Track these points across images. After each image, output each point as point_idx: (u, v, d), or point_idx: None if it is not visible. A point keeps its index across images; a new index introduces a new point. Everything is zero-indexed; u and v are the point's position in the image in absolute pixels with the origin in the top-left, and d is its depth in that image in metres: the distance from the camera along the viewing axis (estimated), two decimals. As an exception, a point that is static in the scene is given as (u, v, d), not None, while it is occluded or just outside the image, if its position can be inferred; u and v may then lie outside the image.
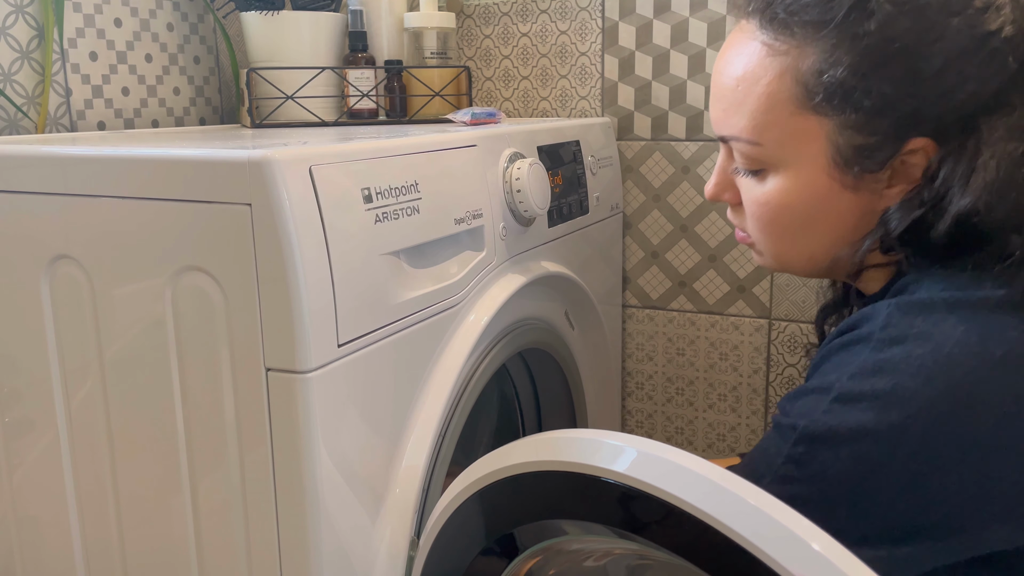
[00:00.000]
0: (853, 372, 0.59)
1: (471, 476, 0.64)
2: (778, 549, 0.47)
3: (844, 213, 0.66)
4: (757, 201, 0.68)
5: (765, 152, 0.66)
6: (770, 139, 0.65)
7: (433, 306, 0.74)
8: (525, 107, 1.31)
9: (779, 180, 0.66)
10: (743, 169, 0.69)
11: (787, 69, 0.63)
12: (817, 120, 0.63)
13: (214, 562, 0.68)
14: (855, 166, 0.63)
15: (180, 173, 0.63)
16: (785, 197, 0.66)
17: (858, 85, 0.61)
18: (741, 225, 0.73)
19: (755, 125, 0.65)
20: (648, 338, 1.30)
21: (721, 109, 0.68)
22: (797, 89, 0.63)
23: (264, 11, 1.12)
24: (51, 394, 0.73)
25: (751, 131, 0.65)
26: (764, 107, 0.64)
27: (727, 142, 0.69)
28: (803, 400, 0.62)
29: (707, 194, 0.74)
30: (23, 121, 1.06)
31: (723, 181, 0.73)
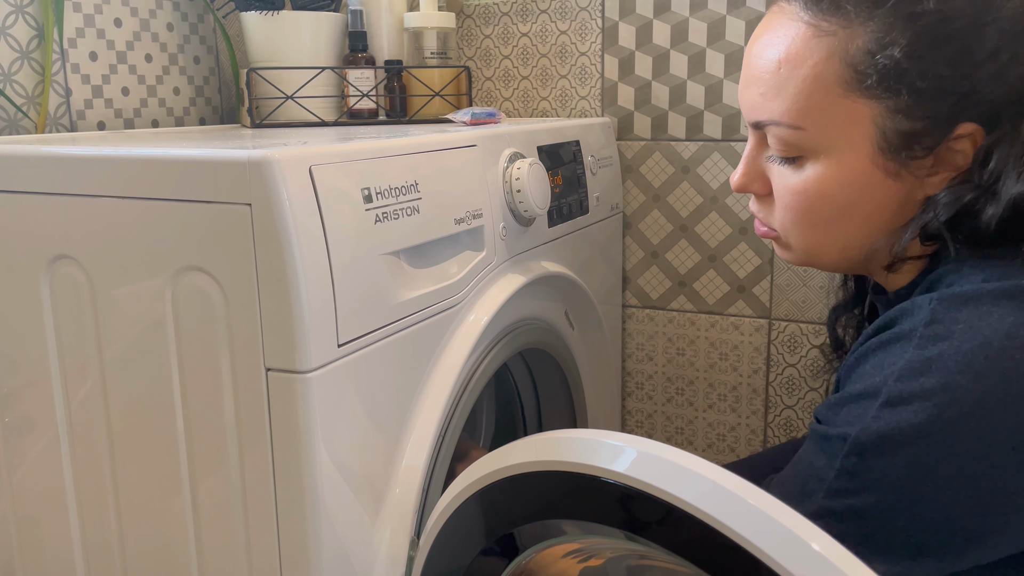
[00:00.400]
0: (900, 373, 0.57)
1: (471, 476, 0.64)
2: (778, 549, 0.47)
3: (883, 202, 0.64)
4: (793, 190, 0.65)
5: (806, 137, 0.63)
6: (813, 123, 0.63)
7: (433, 306, 0.74)
8: (525, 107, 1.31)
9: (818, 167, 0.64)
10: (778, 157, 0.66)
11: (835, 50, 0.61)
12: (865, 104, 0.61)
13: (214, 562, 0.68)
14: (902, 152, 0.61)
15: (180, 173, 0.63)
16: (824, 185, 0.64)
17: (913, 67, 0.59)
18: (766, 218, 0.70)
19: (798, 109, 0.63)
20: (648, 338, 1.30)
21: (758, 93, 0.66)
22: (846, 71, 0.61)
23: (264, 11, 1.12)
24: (51, 394, 0.73)
25: (793, 115, 0.63)
26: (809, 90, 0.62)
27: (761, 128, 0.67)
28: (848, 408, 0.60)
29: (734, 185, 0.71)
30: (23, 121, 1.06)
31: (752, 170, 0.70)
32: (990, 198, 0.59)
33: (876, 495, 0.57)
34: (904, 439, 0.56)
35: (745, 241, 1.21)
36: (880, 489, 0.57)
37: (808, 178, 0.64)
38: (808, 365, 1.20)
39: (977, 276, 0.59)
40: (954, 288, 0.59)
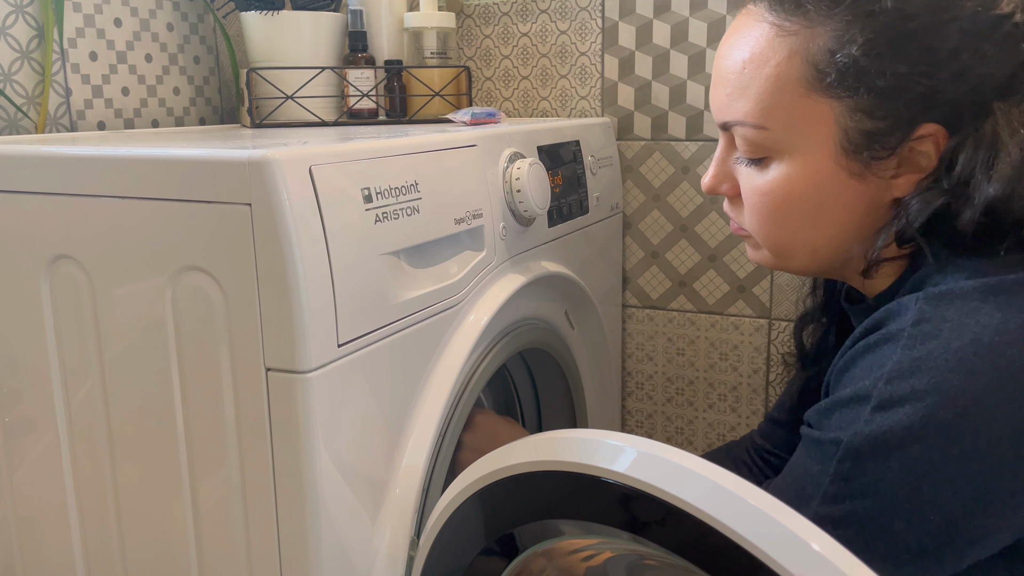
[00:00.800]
0: (889, 375, 0.57)
1: (471, 476, 0.64)
2: (778, 549, 0.47)
3: (850, 203, 0.64)
4: (759, 191, 0.66)
5: (770, 137, 0.64)
6: (776, 123, 0.63)
7: (433, 306, 0.74)
8: (525, 107, 1.31)
9: (783, 168, 0.64)
10: (744, 158, 0.67)
11: (797, 50, 0.61)
12: (827, 103, 0.61)
13: (214, 562, 0.68)
14: (864, 152, 0.62)
15: (180, 173, 0.63)
16: (789, 185, 0.64)
17: (871, 65, 0.59)
18: (738, 219, 0.71)
19: (761, 108, 0.63)
20: (648, 338, 1.30)
21: (724, 94, 0.66)
22: (807, 70, 0.61)
23: (264, 11, 1.12)
24: (51, 394, 0.73)
25: (757, 115, 0.64)
26: (771, 89, 0.63)
27: (728, 129, 0.67)
28: (840, 413, 0.59)
29: (704, 186, 0.72)
30: (23, 121, 1.06)
31: (721, 172, 0.71)
32: (964, 202, 0.59)
33: (872, 499, 0.57)
34: (897, 442, 0.55)
35: (745, 241, 1.21)
36: (876, 493, 0.57)
37: (773, 179, 0.65)
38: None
39: (961, 275, 0.59)
40: (940, 287, 0.58)
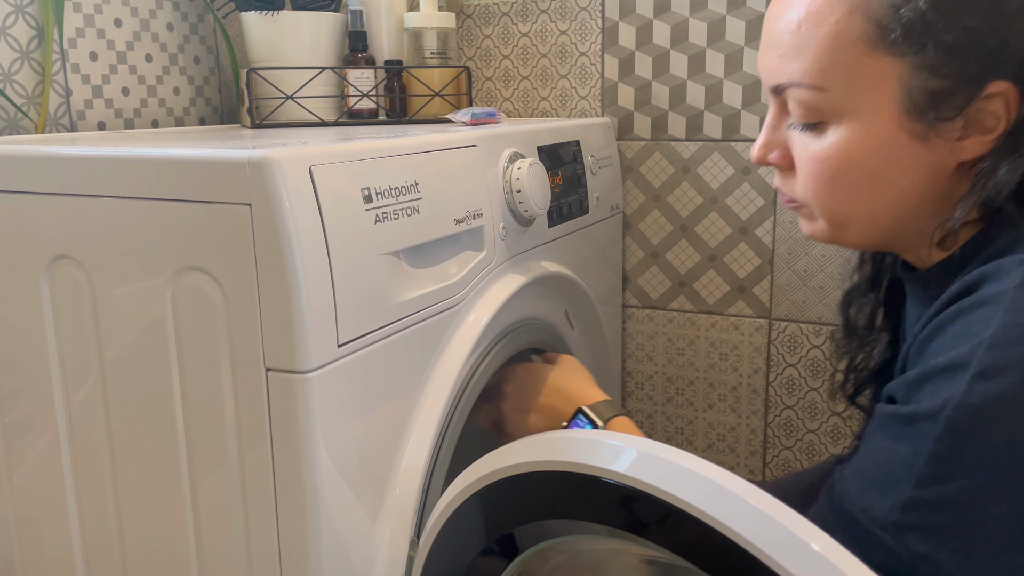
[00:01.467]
0: (992, 341, 0.52)
1: (471, 476, 0.64)
2: (778, 549, 0.47)
3: (912, 168, 0.60)
4: (815, 158, 0.62)
5: (828, 99, 0.60)
6: (835, 84, 0.60)
7: (433, 306, 0.74)
8: (525, 107, 1.31)
9: (841, 132, 0.61)
10: (799, 123, 0.63)
11: (858, 5, 0.58)
12: (890, 61, 0.58)
13: (214, 562, 0.68)
14: (929, 113, 0.58)
15: (180, 173, 0.63)
16: (847, 151, 0.61)
17: (939, 19, 0.56)
18: (791, 191, 0.67)
19: (819, 68, 0.60)
20: (648, 338, 1.30)
21: (778, 55, 0.63)
22: (868, 27, 0.58)
23: (264, 11, 1.12)
24: (51, 394, 0.73)
25: (814, 75, 0.60)
26: (830, 48, 0.59)
27: (781, 93, 0.64)
28: (932, 384, 0.55)
29: (754, 156, 0.68)
30: (23, 121, 1.06)
31: (771, 140, 0.66)
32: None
33: (973, 479, 0.52)
34: (1001, 414, 0.51)
35: (745, 241, 1.21)
36: (977, 472, 0.52)
37: (831, 144, 0.61)
38: (808, 365, 1.20)
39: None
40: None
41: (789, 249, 1.18)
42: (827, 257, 1.16)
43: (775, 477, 1.25)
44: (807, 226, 0.68)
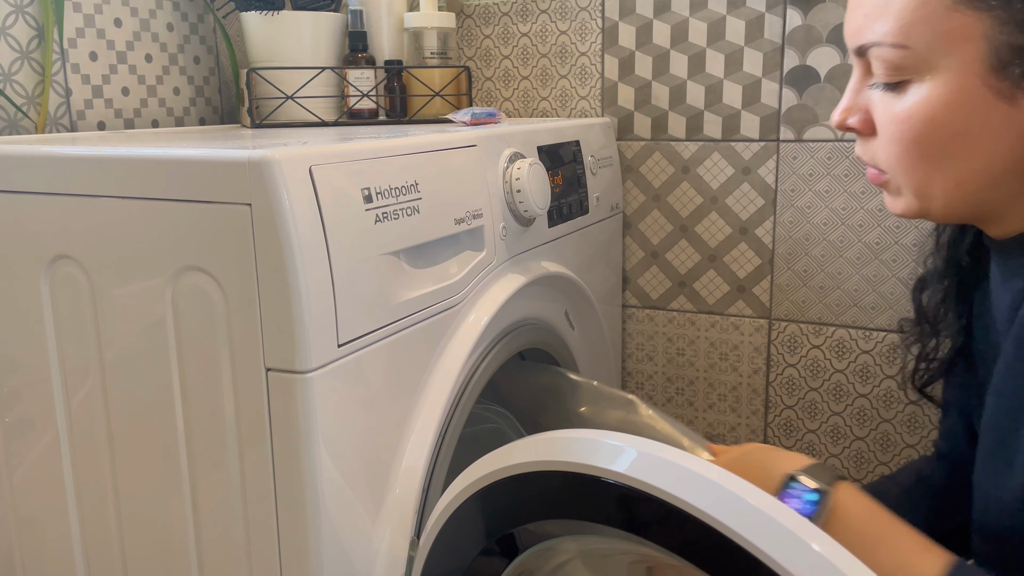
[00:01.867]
0: None
1: (471, 476, 0.64)
2: (778, 549, 0.47)
3: (999, 129, 0.58)
4: (897, 119, 0.61)
5: (911, 57, 0.59)
6: (919, 41, 0.58)
7: (433, 306, 0.74)
8: (525, 107, 1.31)
9: (924, 90, 0.59)
10: (882, 84, 0.62)
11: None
12: (975, 16, 0.56)
13: (214, 562, 0.68)
14: (1016, 70, 0.56)
15: (180, 173, 0.63)
16: (930, 110, 0.59)
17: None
18: (871, 157, 0.66)
19: (902, 26, 0.59)
20: (648, 338, 1.30)
21: (862, 15, 0.62)
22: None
23: (264, 11, 1.12)
24: (51, 394, 0.73)
25: (897, 33, 0.59)
26: (914, 4, 0.58)
27: (864, 54, 0.63)
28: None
29: (834, 120, 0.66)
30: (23, 121, 1.06)
31: (853, 104, 0.65)
32: None
33: None
34: None
35: (745, 241, 1.21)
36: None
37: (913, 104, 0.60)
38: (808, 365, 1.20)
39: None
40: None
41: (789, 249, 1.18)
42: (827, 257, 1.16)
43: (775, 477, 1.26)
44: (892, 202, 0.66)
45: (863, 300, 1.15)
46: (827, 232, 1.15)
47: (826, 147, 1.13)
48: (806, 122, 1.14)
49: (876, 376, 1.16)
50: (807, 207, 1.16)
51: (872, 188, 1.11)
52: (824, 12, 1.10)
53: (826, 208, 1.15)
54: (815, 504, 0.61)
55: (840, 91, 1.10)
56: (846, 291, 1.16)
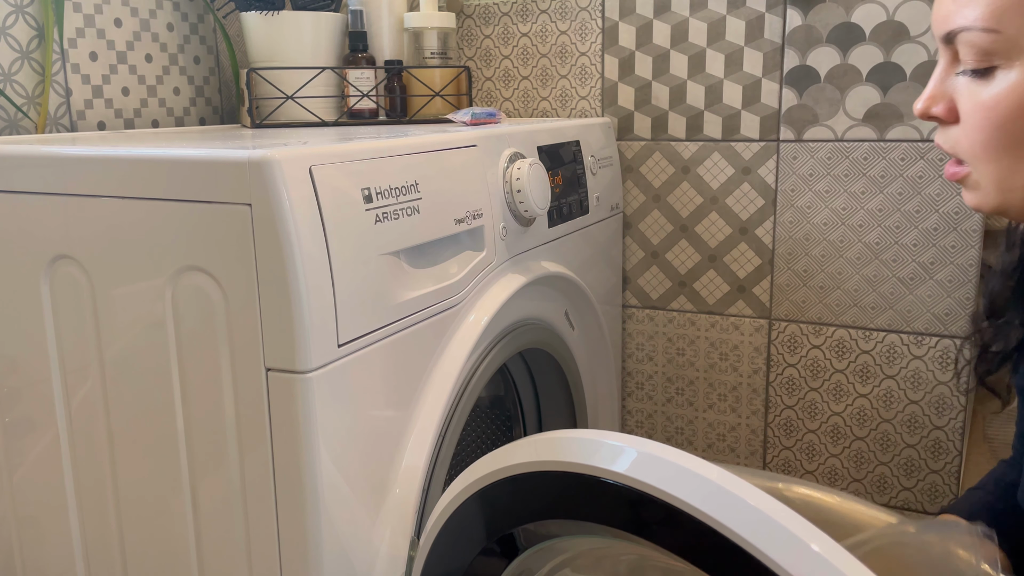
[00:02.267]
0: None
1: (471, 476, 0.64)
2: (778, 550, 0.47)
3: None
4: (983, 106, 0.60)
5: (1000, 41, 0.58)
6: (1010, 24, 0.57)
7: (433, 306, 0.74)
8: (525, 107, 1.31)
9: (1012, 76, 0.58)
10: (969, 70, 0.61)
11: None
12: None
13: (214, 562, 0.68)
14: None
15: (180, 173, 0.63)
16: (1018, 97, 0.58)
17: None
18: (952, 146, 0.65)
19: (992, 10, 0.58)
20: (648, 338, 1.30)
21: (951, 1, 0.61)
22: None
23: (264, 11, 1.12)
24: (51, 394, 0.73)
25: (987, 18, 0.58)
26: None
27: (952, 41, 0.62)
28: None
29: (917, 110, 0.66)
30: (23, 121, 1.06)
31: (938, 92, 0.64)
32: None
33: None
34: None
35: (745, 241, 1.21)
36: None
37: (1000, 91, 0.59)
38: (808, 365, 1.20)
39: None
40: None
41: (789, 249, 1.18)
42: (827, 257, 1.16)
43: (775, 477, 1.26)
44: (970, 196, 0.65)
45: (863, 300, 1.15)
46: (827, 232, 1.15)
47: (826, 147, 1.13)
48: (806, 122, 1.14)
49: (876, 376, 1.16)
50: (807, 207, 1.16)
51: (872, 188, 1.11)
52: (824, 12, 1.10)
53: (826, 208, 1.15)
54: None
55: (839, 91, 1.11)
56: (846, 291, 1.16)
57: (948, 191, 1.07)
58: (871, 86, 1.09)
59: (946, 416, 1.13)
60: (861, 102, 1.10)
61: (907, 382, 1.14)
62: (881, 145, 1.10)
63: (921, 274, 1.11)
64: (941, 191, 1.08)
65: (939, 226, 1.09)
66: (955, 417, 1.13)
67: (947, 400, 1.12)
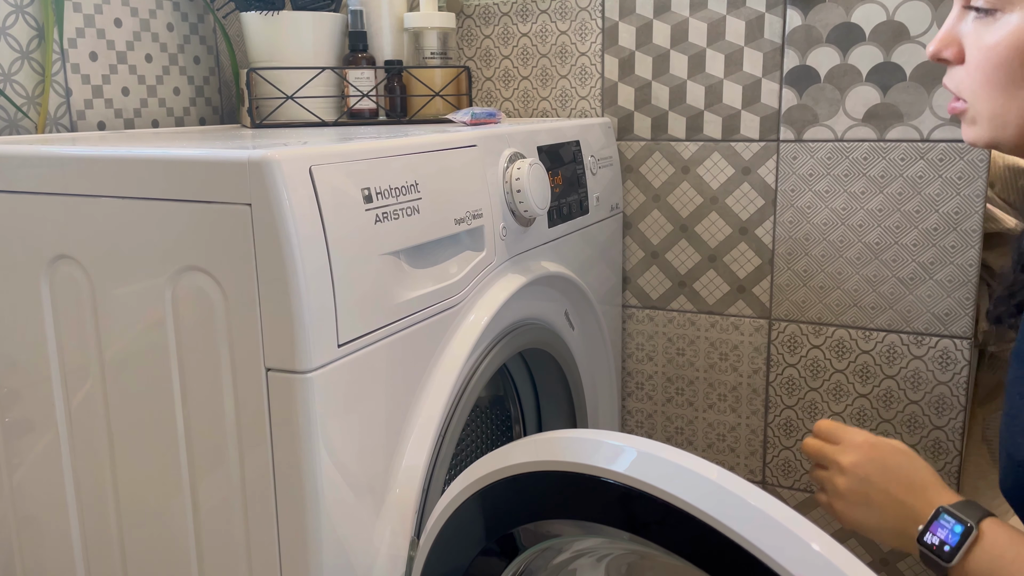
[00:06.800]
0: None
1: (471, 476, 0.64)
2: (778, 549, 0.47)
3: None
4: (985, 46, 0.66)
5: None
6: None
7: (433, 306, 0.74)
8: (525, 107, 1.31)
9: (1014, 19, 0.64)
10: (975, 10, 0.66)
11: None
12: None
13: (214, 562, 0.68)
14: None
15: (180, 173, 0.63)
16: (1017, 39, 0.63)
17: None
18: (956, 85, 0.70)
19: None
20: (648, 338, 1.30)
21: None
22: None
23: (264, 11, 1.12)
24: (51, 394, 0.73)
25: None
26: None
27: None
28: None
29: (929, 52, 0.71)
30: (23, 121, 1.06)
31: (949, 36, 0.70)
32: None
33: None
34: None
35: (745, 241, 1.21)
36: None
37: (1002, 34, 0.64)
38: (808, 365, 1.20)
39: None
40: None
41: (789, 249, 1.18)
42: (827, 257, 1.16)
43: (775, 477, 1.26)
44: (967, 131, 0.71)
45: (863, 300, 1.15)
46: (827, 232, 1.15)
47: (826, 147, 1.13)
48: (806, 122, 1.14)
49: (876, 376, 1.16)
50: (807, 207, 1.16)
51: (872, 188, 1.11)
52: (824, 12, 1.10)
53: (826, 208, 1.15)
54: (961, 536, 0.65)
55: (839, 91, 1.11)
56: (846, 291, 1.16)
57: (948, 191, 1.07)
58: (871, 86, 1.09)
59: (946, 416, 1.13)
60: (861, 102, 1.10)
61: (907, 382, 1.14)
62: (881, 145, 1.10)
63: (921, 274, 1.11)
64: (941, 191, 1.08)
65: (939, 226, 1.09)
66: (955, 417, 1.13)
67: (947, 400, 1.12)
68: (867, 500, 0.72)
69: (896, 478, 0.71)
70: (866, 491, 0.72)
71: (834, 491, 0.74)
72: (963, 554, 0.64)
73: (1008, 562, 0.62)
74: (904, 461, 0.73)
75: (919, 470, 0.72)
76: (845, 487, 0.73)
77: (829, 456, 0.75)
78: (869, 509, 0.72)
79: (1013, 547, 0.63)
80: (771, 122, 1.16)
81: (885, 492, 0.71)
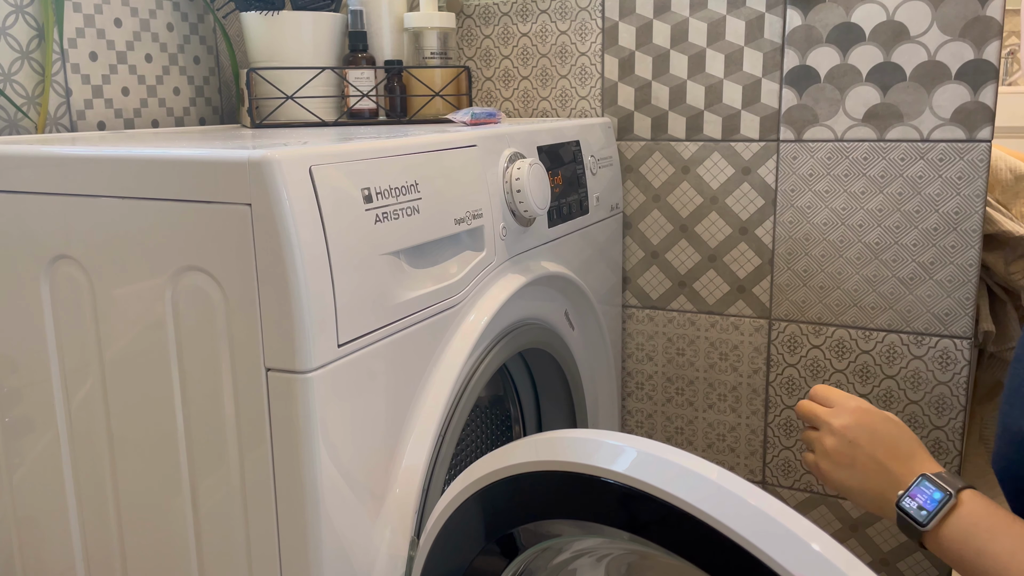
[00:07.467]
0: None
1: (471, 476, 0.64)
2: (778, 549, 0.47)
3: None
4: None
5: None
6: None
7: (433, 306, 0.74)
8: (525, 107, 1.31)
9: None
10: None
11: None
12: None
13: (214, 562, 0.68)
14: None
15: (180, 173, 0.63)
16: None
17: None
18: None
19: None
20: (648, 338, 1.30)
21: None
22: None
23: (264, 11, 1.12)
24: (51, 394, 0.73)
25: None
26: None
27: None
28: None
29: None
30: (23, 121, 1.06)
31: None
32: None
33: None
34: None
35: (745, 241, 1.21)
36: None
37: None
38: (808, 365, 1.20)
39: None
40: None
41: (789, 249, 1.18)
42: (827, 257, 1.16)
43: (775, 477, 1.26)
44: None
45: (863, 300, 1.15)
46: (827, 232, 1.15)
47: (826, 147, 1.13)
48: (806, 122, 1.14)
49: (876, 376, 1.16)
50: (807, 207, 1.16)
51: (872, 188, 1.11)
52: (824, 12, 1.10)
53: (826, 208, 1.15)
54: (939, 503, 0.66)
55: (839, 91, 1.11)
56: (846, 291, 1.16)
57: (948, 191, 1.07)
58: (871, 86, 1.09)
59: (946, 416, 1.13)
60: (861, 102, 1.10)
61: (907, 382, 1.14)
62: (881, 145, 1.10)
63: (921, 274, 1.11)
64: (941, 191, 1.08)
65: (939, 226, 1.09)
66: (955, 417, 1.13)
67: (947, 400, 1.12)
68: (852, 462, 0.73)
69: (884, 444, 0.72)
70: (853, 453, 0.73)
71: (822, 451, 0.75)
72: (939, 520, 0.65)
73: (983, 530, 0.63)
74: (893, 429, 0.74)
75: (907, 440, 0.73)
76: (832, 448, 0.74)
77: (821, 417, 0.76)
78: (853, 471, 0.73)
79: (989, 518, 0.63)
80: (771, 122, 1.16)
81: (871, 457, 0.72)
